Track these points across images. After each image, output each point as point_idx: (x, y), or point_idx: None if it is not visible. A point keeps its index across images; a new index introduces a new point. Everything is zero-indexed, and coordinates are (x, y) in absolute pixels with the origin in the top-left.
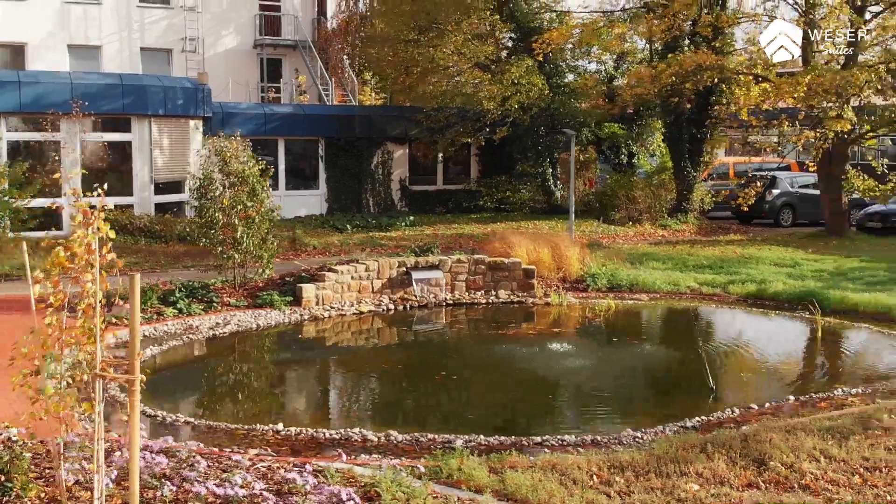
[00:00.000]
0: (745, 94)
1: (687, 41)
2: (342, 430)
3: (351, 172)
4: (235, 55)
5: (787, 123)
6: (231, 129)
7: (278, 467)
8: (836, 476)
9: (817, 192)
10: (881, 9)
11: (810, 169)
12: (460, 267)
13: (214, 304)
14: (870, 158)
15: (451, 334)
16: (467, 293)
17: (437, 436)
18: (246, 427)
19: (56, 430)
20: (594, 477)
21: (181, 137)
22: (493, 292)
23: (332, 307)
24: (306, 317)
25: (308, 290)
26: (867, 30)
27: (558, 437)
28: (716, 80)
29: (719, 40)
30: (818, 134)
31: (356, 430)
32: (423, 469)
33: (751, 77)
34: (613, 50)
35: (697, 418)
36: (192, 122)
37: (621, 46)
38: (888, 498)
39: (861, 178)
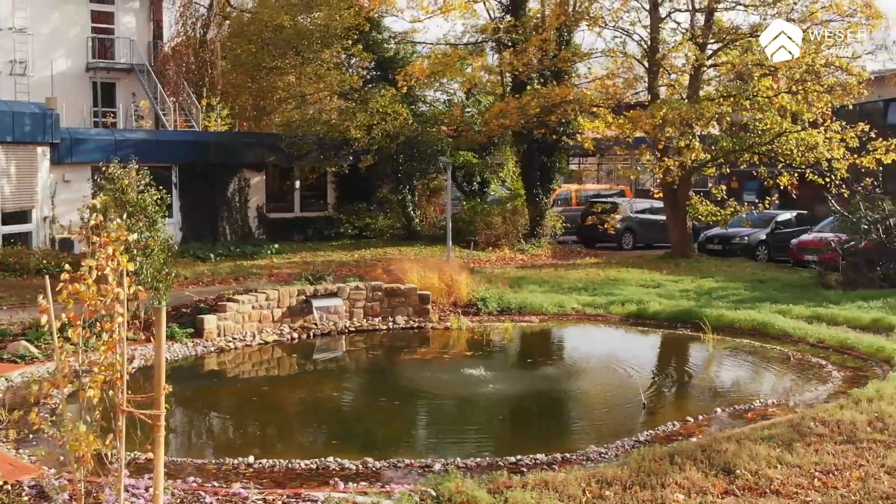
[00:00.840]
0: (595, 124)
1: (536, 75)
2: (318, 460)
3: (206, 200)
4: (67, 78)
5: (647, 153)
6: (80, 157)
7: (284, 501)
8: (799, 480)
9: (654, 216)
10: (719, 45)
11: (655, 196)
12: (358, 294)
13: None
14: (710, 185)
15: (365, 361)
16: (365, 320)
17: (413, 461)
18: (215, 461)
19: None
20: (586, 492)
21: (28, 165)
22: (391, 318)
23: (234, 338)
24: (211, 348)
25: (210, 321)
26: (708, 65)
27: (530, 455)
28: (578, 112)
29: (570, 74)
30: (677, 163)
31: (331, 458)
32: (432, 492)
33: (608, 110)
34: (475, 82)
35: (647, 432)
36: (39, 149)
37: (481, 79)
38: (852, 498)
39: (704, 203)
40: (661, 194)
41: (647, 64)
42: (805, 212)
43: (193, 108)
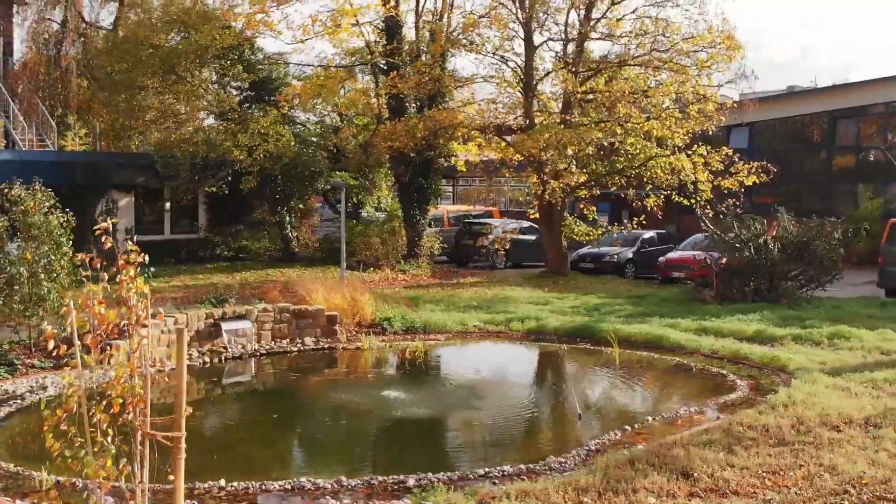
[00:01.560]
0: (468, 147)
1: (413, 98)
2: (292, 480)
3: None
4: None
5: (534, 176)
6: None
7: None
8: (752, 480)
9: (524, 237)
10: (591, 73)
11: (530, 216)
12: (266, 316)
13: (19, 367)
14: (581, 206)
15: (290, 383)
16: (274, 342)
17: (387, 478)
18: (186, 486)
19: None
20: (566, 500)
21: None
22: (299, 340)
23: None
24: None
25: (121, 347)
26: (581, 91)
27: (498, 468)
28: (465, 135)
29: (448, 99)
30: (561, 185)
31: (304, 478)
32: None
33: (492, 134)
34: (358, 104)
35: (595, 441)
36: None
37: (361, 101)
38: (805, 495)
39: (578, 224)
40: (537, 215)
41: (522, 90)
42: (664, 231)
43: (48, 128)
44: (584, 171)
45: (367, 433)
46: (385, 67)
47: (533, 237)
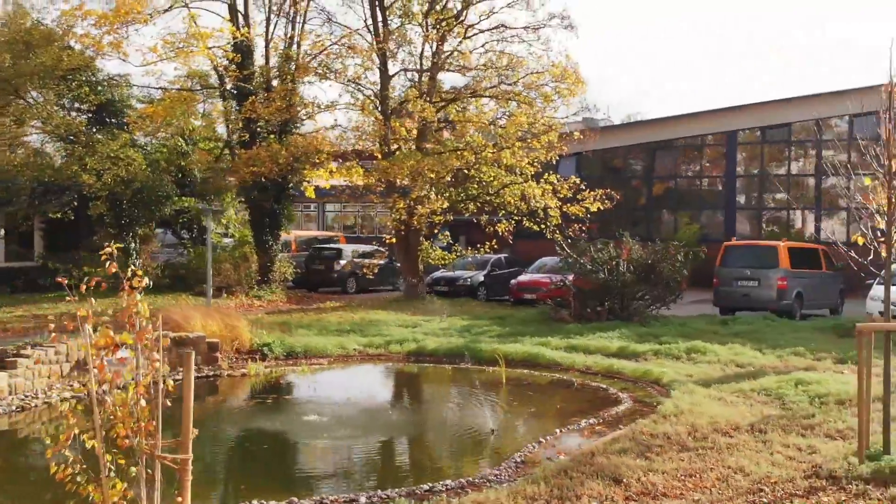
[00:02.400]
0: (319, 173)
1: (263, 124)
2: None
3: None
4: None
5: (400, 201)
6: None
7: None
8: (676, 483)
9: (374, 261)
10: (444, 103)
11: (388, 241)
12: None
13: None
14: (436, 231)
15: (201, 410)
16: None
17: (338, 496)
18: None
19: None
20: None
21: None
22: (181, 368)
23: (26, 395)
24: (13, 407)
25: (2, 378)
26: (437, 120)
27: (442, 482)
28: (325, 161)
29: (300, 125)
30: (427, 210)
31: (255, 500)
32: None
33: (356, 161)
34: (213, 127)
35: (518, 454)
36: None
37: (212, 125)
38: (727, 493)
39: (433, 249)
40: (394, 240)
41: (380, 117)
42: (508, 255)
43: None
44: (443, 196)
45: (295, 457)
46: (235, 92)
47: (381, 262)
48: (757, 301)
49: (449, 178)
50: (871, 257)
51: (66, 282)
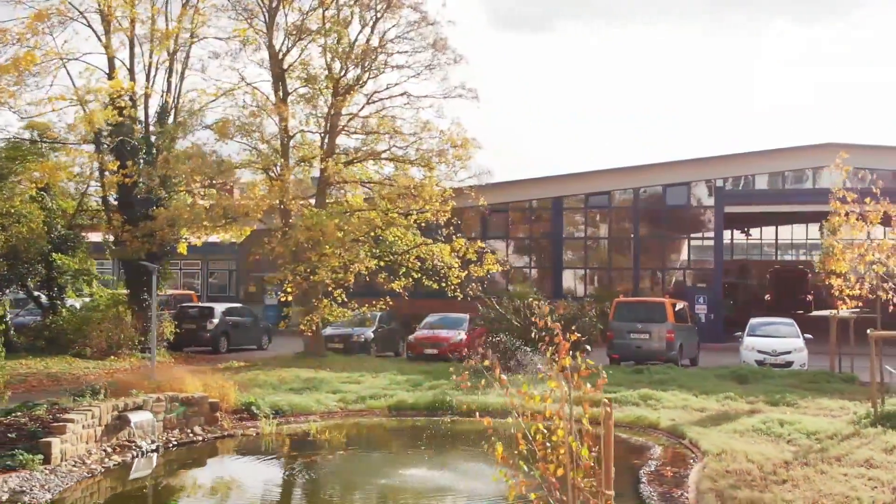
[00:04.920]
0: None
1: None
2: None
3: None
4: None
5: (301, 266)
6: None
7: None
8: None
9: (242, 319)
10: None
11: (284, 299)
12: (159, 406)
13: None
14: (331, 289)
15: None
16: (167, 432)
17: None
18: None
19: None
20: None
21: None
22: (188, 429)
23: (78, 461)
24: (81, 475)
25: (56, 444)
26: (337, 180)
27: None
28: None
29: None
30: (330, 268)
31: None
32: None
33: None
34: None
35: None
36: None
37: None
38: None
39: (331, 306)
40: (290, 297)
41: (277, 173)
42: (387, 311)
43: None
44: (344, 256)
45: None
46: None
47: (249, 319)
48: (648, 352)
49: (353, 237)
50: None
51: None
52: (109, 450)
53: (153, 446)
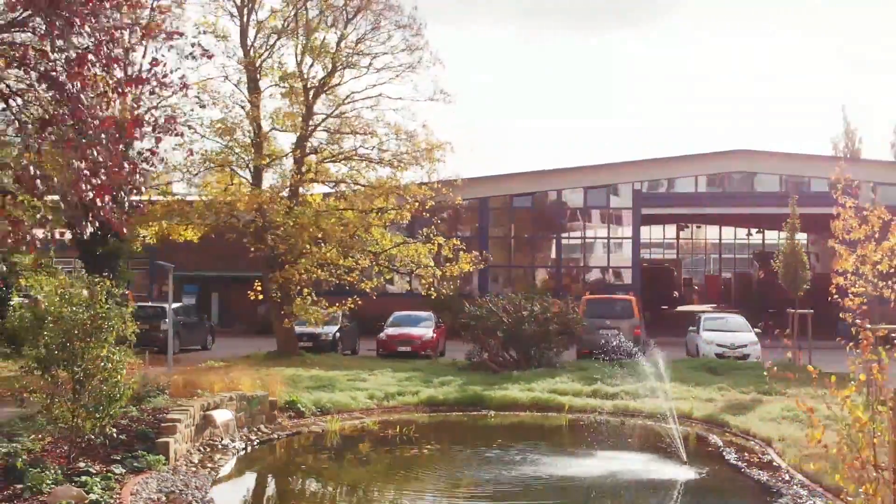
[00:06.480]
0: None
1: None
2: None
3: None
4: None
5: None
6: None
7: None
8: None
9: (191, 319)
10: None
11: (252, 297)
12: (231, 405)
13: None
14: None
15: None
16: (243, 430)
17: None
18: None
19: None
20: None
21: None
22: (255, 427)
23: (187, 461)
24: (206, 475)
25: (172, 445)
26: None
27: None
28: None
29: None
30: (300, 270)
31: None
32: None
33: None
34: None
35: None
36: None
37: None
38: None
39: (305, 307)
40: (260, 296)
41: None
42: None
43: None
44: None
45: None
46: None
47: (195, 319)
48: (617, 347)
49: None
50: None
51: None
52: (204, 449)
53: (242, 444)
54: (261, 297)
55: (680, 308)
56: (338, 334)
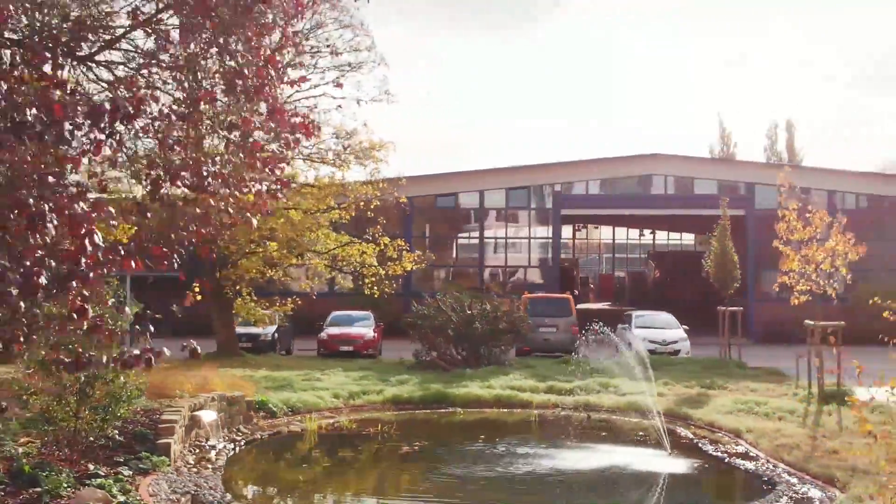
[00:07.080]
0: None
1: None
2: None
3: None
4: None
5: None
6: None
7: None
8: None
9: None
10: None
11: (193, 298)
12: (213, 405)
13: (102, 477)
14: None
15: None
16: (225, 430)
17: None
18: None
19: None
20: None
21: None
22: (234, 427)
23: (184, 461)
24: (209, 475)
25: (172, 445)
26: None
27: None
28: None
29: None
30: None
31: None
32: None
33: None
34: None
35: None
36: None
37: None
38: None
39: (247, 307)
40: (199, 297)
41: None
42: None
43: None
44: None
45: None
46: None
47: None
48: (556, 344)
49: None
50: None
51: None
52: (193, 449)
53: (230, 445)
54: (199, 297)
55: (579, 306)
56: (276, 334)
